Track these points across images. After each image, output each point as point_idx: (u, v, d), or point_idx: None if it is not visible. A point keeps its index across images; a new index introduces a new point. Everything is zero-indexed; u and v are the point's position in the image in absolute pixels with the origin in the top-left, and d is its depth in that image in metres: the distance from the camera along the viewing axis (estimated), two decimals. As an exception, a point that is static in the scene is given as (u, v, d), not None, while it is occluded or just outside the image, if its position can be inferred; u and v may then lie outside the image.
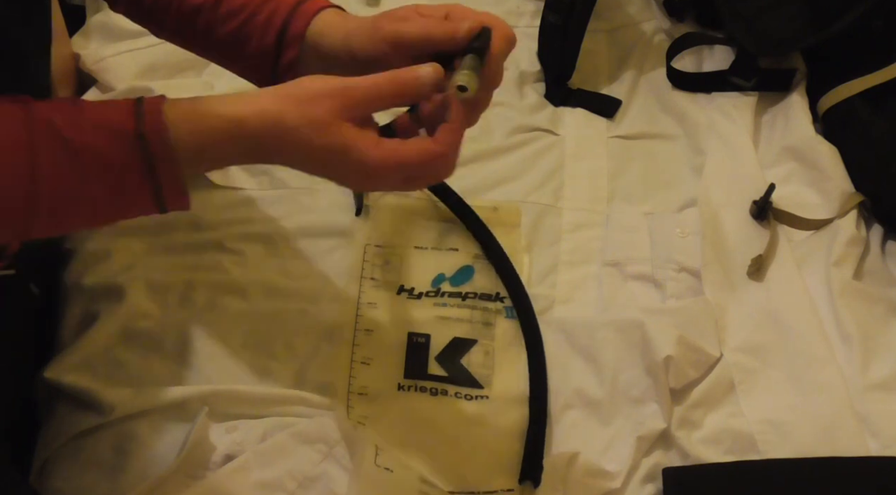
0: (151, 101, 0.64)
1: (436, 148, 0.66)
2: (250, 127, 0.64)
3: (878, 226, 1.05)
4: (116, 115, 0.63)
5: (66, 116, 0.62)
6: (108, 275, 0.94)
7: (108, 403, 0.85)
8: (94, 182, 0.62)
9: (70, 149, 0.61)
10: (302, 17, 0.77)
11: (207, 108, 0.65)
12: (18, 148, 0.60)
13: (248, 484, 0.82)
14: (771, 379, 0.92)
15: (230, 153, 0.66)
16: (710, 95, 1.16)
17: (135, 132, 0.62)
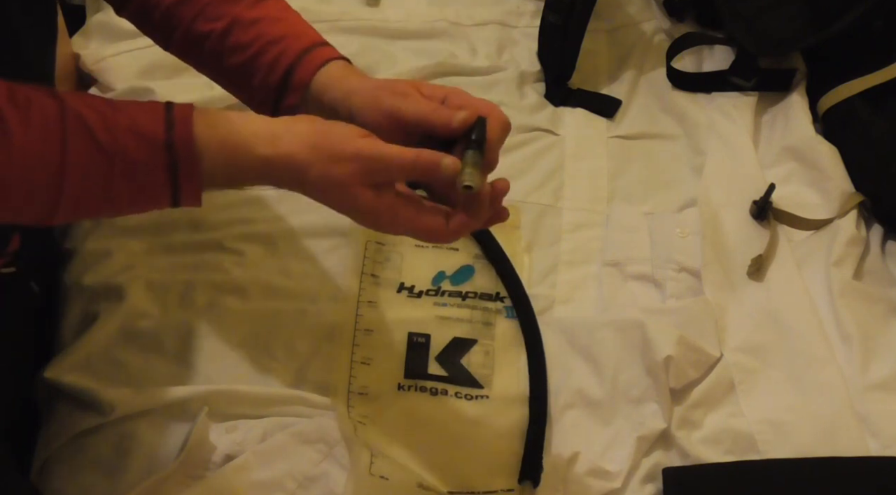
0: (181, 110, 0.67)
1: (447, 231, 0.71)
2: (276, 169, 0.69)
3: (878, 226, 1.05)
4: (148, 121, 0.65)
5: (99, 116, 0.64)
6: (108, 274, 0.94)
7: (109, 403, 0.85)
8: (118, 180, 0.65)
9: (100, 149, 0.63)
10: (308, 67, 0.78)
11: (239, 141, 0.68)
12: (51, 141, 0.62)
13: (248, 484, 0.82)
14: (771, 379, 0.92)
15: (251, 181, 0.70)
16: (710, 95, 1.16)
17: (165, 141, 0.65)
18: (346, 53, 1.14)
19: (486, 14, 1.24)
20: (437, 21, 1.22)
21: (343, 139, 0.69)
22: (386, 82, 0.76)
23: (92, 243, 0.97)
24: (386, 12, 1.23)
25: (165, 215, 1.00)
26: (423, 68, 1.16)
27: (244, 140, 0.68)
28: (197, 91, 1.09)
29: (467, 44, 1.20)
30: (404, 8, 1.24)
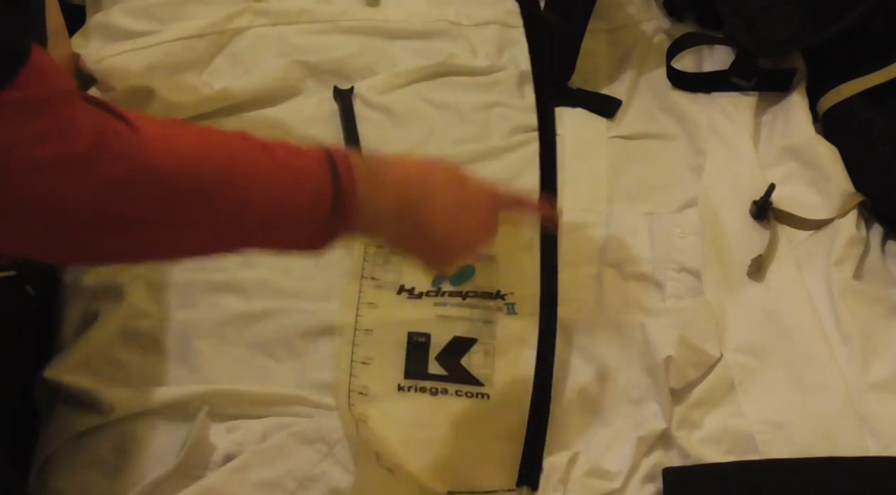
0: (341, 158, 0.67)
1: None
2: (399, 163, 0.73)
3: (878, 226, 1.05)
4: (304, 147, 0.67)
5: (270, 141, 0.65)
6: (108, 274, 0.94)
7: (108, 403, 0.85)
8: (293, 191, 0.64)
9: (274, 158, 0.64)
10: None
11: (380, 165, 0.71)
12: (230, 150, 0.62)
13: (248, 484, 0.82)
14: (771, 379, 0.92)
15: (388, 179, 0.71)
16: (710, 95, 1.16)
17: (326, 155, 0.66)
18: (346, 53, 1.15)
19: (486, 14, 1.24)
20: (437, 21, 1.22)
21: None
22: None
23: (92, 243, 0.97)
24: (386, 12, 1.23)
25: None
26: (423, 68, 1.16)
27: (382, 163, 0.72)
28: (197, 90, 1.09)
29: (467, 44, 1.20)
30: (404, 8, 1.23)
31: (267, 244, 0.67)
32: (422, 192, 0.72)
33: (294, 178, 0.64)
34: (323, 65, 1.14)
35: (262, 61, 1.14)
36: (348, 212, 0.66)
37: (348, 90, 1.12)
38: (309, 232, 0.66)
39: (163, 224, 0.59)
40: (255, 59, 1.15)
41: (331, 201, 0.65)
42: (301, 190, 0.64)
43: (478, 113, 1.13)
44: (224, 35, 1.16)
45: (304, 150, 0.66)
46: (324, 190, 0.65)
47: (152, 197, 0.58)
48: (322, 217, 0.65)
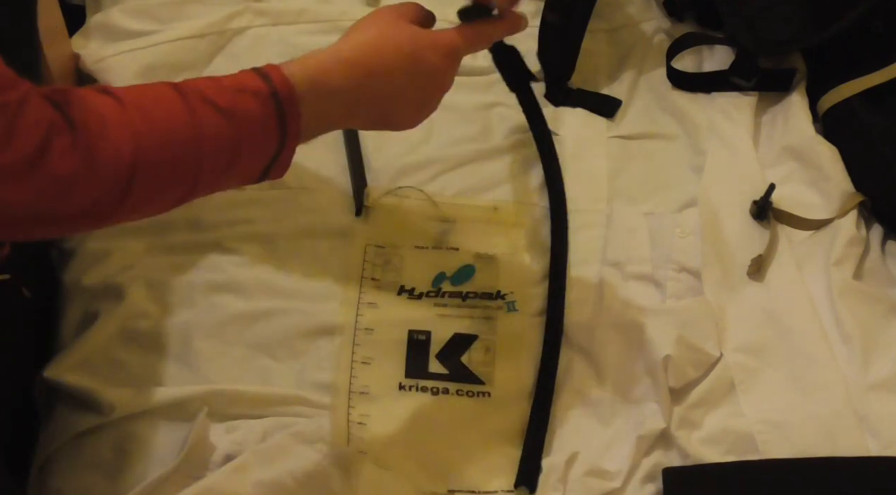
0: (267, 66, 0.70)
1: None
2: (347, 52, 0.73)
3: (878, 226, 1.05)
4: (245, 78, 0.68)
5: (212, 86, 0.66)
6: (108, 274, 0.94)
7: (108, 403, 0.85)
8: (243, 141, 0.67)
9: (224, 113, 0.65)
10: None
11: (309, 54, 0.73)
12: (179, 115, 0.64)
13: (248, 484, 0.82)
14: (771, 379, 0.92)
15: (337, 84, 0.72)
16: (710, 95, 1.16)
17: (269, 91, 0.68)
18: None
19: (486, 14, 1.24)
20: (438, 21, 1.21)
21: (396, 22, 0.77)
22: None
23: (92, 243, 0.97)
24: (386, 12, 1.23)
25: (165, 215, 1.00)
26: (423, 68, 1.15)
27: (312, 53, 0.72)
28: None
29: (467, 44, 1.20)
30: (404, 8, 1.23)
31: (214, 191, 0.70)
32: (373, 89, 0.74)
33: (246, 135, 0.67)
34: (323, 65, 1.14)
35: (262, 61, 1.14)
36: (294, 138, 0.70)
37: (348, 90, 1.12)
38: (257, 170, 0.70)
39: (113, 205, 0.63)
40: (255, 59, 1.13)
41: (276, 144, 0.69)
42: (251, 141, 0.67)
43: (478, 113, 1.13)
44: (224, 35, 1.16)
45: (248, 90, 0.67)
46: (270, 137, 0.68)
47: (107, 184, 0.61)
48: (269, 155, 0.69)
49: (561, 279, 0.97)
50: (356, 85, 0.73)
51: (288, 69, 0.70)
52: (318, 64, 0.71)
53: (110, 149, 0.60)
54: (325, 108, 0.72)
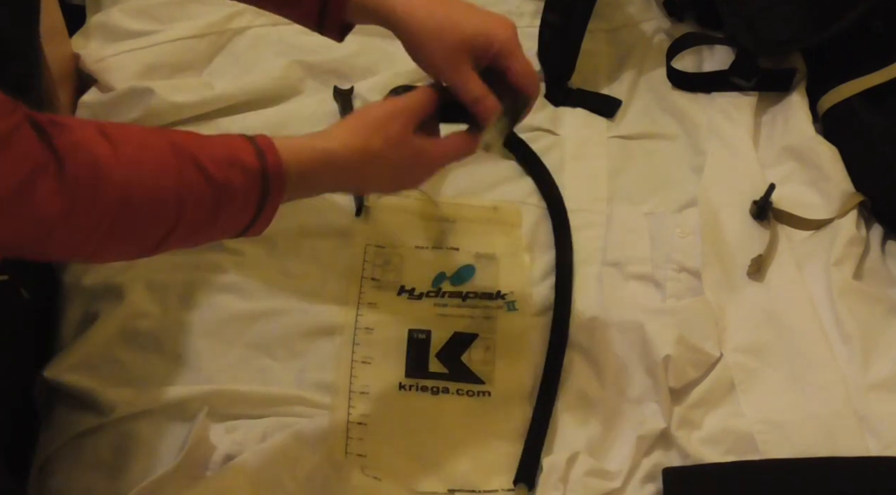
0: (264, 139, 0.71)
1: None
2: (341, 156, 0.74)
3: (878, 226, 1.05)
4: (243, 153, 0.69)
5: (206, 151, 0.68)
6: (108, 274, 0.94)
7: (108, 403, 0.85)
8: (221, 211, 0.68)
9: (210, 181, 0.66)
10: None
11: (304, 142, 0.74)
12: (169, 174, 0.65)
13: (248, 484, 0.82)
14: (771, 378, 0.92)
15: (323, 182, 0.77)
16: (710, 95, 1.16)
17: (260, 170, 0.69)
18: (346, 53, 1.15)
19: (486, 14, 1.24)
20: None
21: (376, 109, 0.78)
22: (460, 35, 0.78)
23: (92, 243, 0.97)
24: (386, 12, 1.22)
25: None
26: (424, 68, 1.15)
27: (307, 142, 0.74)
28: (197, 91, 1.09)
29: (467, 44, 1.20)
30: (404, 8, 1.23)
31: (185, 247, 0.72)
32: (355, 182, 0.79)
33: (226, 204, 0.68)
34: (323, 65, 1.14)
35: (262, 61, 1.14)
36: (271, 212, 0.72)
37: (348, 90, 1.12)
38: (231, 232, 0.72)
39: (91, 248, 0.64)
40: (255, 59, 1.15)
41: (252, 215, 0.71)
42: (230, 210, 0.69)
43: (478, 113, 1.13)
44: (224, 35, 1.16)
45: (239, 164, 0.68)
46: (248, 208, 0.70)
47: (86, 231, 0.62)
48: (244, 223, 0.72)
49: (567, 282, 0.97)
50: (340, 181, 0.78)
51: (284, 153, 0.71)
52: (314, 161, 0.74)
53: (96, 200, 0.61)
54: (306, 193, 0.77)
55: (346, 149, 0.75)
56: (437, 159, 0.80)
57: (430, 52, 0.79)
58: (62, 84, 1.06)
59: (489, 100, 0.78)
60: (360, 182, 0.80)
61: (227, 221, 0.70)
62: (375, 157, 0.76)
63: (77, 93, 1.10)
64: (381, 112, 0.77)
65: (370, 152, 0.75)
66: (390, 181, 0.81)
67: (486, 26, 0.78)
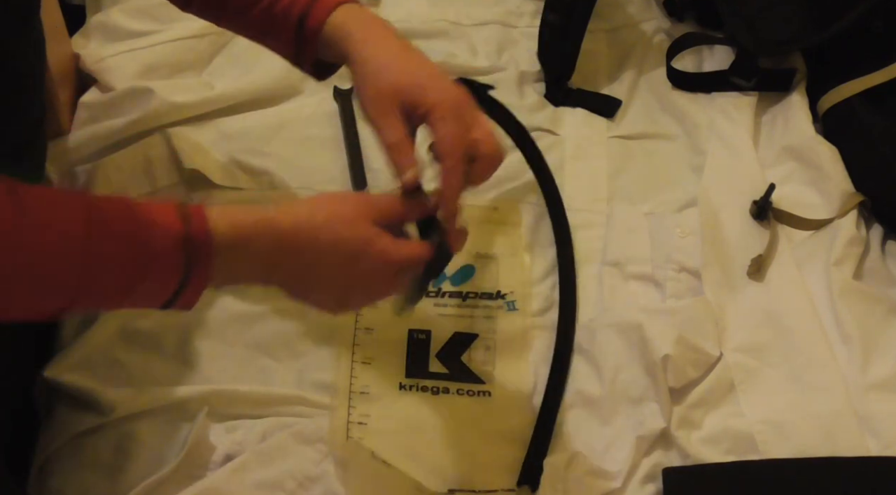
0: (195, 207, 0.66)
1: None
2: (281, 224, 0.68)
3: (878, 226, 1.05)
4: (166, 216, 0.64)
5: (124, 214, 0.63)
6: (108, 274, 0.94)
7: (108, 403, 0.85)
8: (137, 279, 0.63)
9: (127, 242, 0.62)
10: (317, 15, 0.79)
11: (244, 208, 0.69)
12: (75, 239, 0.60)
13: (248, 484, 0.82)
14: (771, 378, 0.92)
15: (259, 251, 0.68)
16: (710, 95, 1.16)
17: (183, 234, 0.64)
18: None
19: (486, 14, 1.24)
20: (437, 21, 1.22)
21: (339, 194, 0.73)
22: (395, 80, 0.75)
23: (92, 243, 0.97)
24: (386, 12, 1.23)
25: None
26: (423, 68, 1.16)
27: (248, 209, 0.69)
28: (196, 91, 1.09)
29: (467, 44, 1.20)
30: (404, 8, 1.23)
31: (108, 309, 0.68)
32: (295, 269, 0.70)
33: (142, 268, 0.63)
34: (323, 65, 1.14)
35: (262, 61, 1.14)
36: (199, 283, 0.66)
37: (348, 90, 1.12)
38: (157, 301, 0.66)
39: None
40: (255, 59, 1.15)
41: (176, 284, 0.65)
42: (150, 276, 0.64)
43: (478, 113, 1.13)
44: (224, 35, 1.16)
45: (161, 226, 0.63)
46: (171, 276, 0.64)
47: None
48: (169, 292, 0.65)
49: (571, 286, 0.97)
50: (277, 260, 0.69)
51: (215, 218, 0.66)
52: (249, 225, 0.67)
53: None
54: (239, 268, 0.68)
55: (288, 217, 0.69)
56: (394, 255, 0.71)
57: (364, 90, 0.76)
58: (62, 84, 1.06)
59: (405, 148, 0.74)
60: (302, 265, 0.70)
61: (146, 290, 0.64)
62: (321, 233, 0.69)
63: (77, 93, 1.10)
64: (336, 193, 0.73)
65: (315, 225, 0.69)
66: (335, 267, 0.71)
67: (425, 84, 0.75)
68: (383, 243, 0.71)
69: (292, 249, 0.69)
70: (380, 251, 0.71)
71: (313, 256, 0.70)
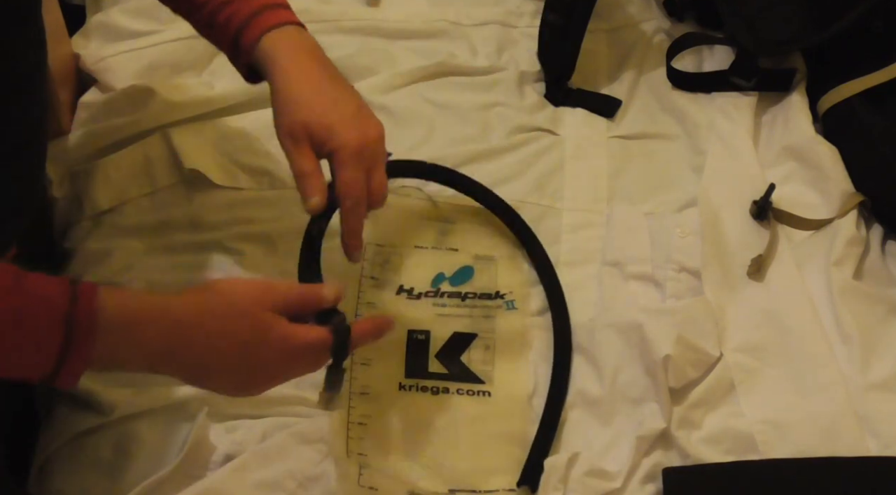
0: (88, 285, 0.64)
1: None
2: (174, 311, 0.68)
3: (878, 226, 1.05)
4: (52, 290, 0.63)
5: (7, 283, 0.61)
6: (108, 275, 0.94)
7: (108, 403, 0.85)
8: (13, 348, 0.62)
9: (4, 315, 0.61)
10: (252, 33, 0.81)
11: (138, 293, 0.69)
12: None
13: (248, 484, 0.82)
14: (771, 379, 0.92)
15: (148, 339, 0.66)
16: (710, 95, 1.16)
17: (65, 312, 0.62)
18: (346, 53, 1.15)
19: (486, 14, 1.24)
20: (437, 21, 1.22)
21: (236, 282, 0.74)
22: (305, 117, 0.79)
23: (92, 243, 0.97)
24: (386, 12, 1.23)
25: (165, 215, 1.00)
26: (424, 68, 1.16)
27: (143, 294, 0.69)
28: (197, 91, 1.09)
29: (467, 44, 1.20)
30: (404, 8, 1.23)
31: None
32: (185, 359, 0.69)
33: (14, 341, 0.62)
34: (323, 65, 1.14)
35: (262, 61, 1.14)
36: (77, 366, 0.64)
37: (348, 90, 1.12)
38: (33, 376, 0.64)
39: None
40: (255, 59, 1.15)
41: (53, 364, 0.63)
42: (23, 349, 0.62)
43: (478, 113, 1.13)
44: (224, 35, 1.16)
45: (44, 298, 0.62)
46: (47, 355, 0.62)
47: None
48: (44, 371, 0.63)
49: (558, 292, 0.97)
50: (168, 348, 0.68)
51: (104, 299, 0.64)
52: (139, 310, 0.66)
53: None
54: (124, 353, 0.67)
55: (182, 306, 0.68)
56: (292, 341, 0.71)
57: (278, 119, 0.80)
58: (62, 84, 1.06)
59: (312, 177, 0.78)
60: (196, 354, 0.69)
61: (21, 363, 0.62)
62: (214, 319, 0.69)
63: (77, 93, 1.10)
64: (234, 281, 0.73)
65: (210, 315, 0.68)
66: (231, 357, 0.70)
67: (333, 125, 0.79)
68: (281, 330, 0.71)
69: (184, 339, 0.68)
70: (278, 338, 0.71)
71: (207, 346, 0.69)
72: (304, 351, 0.73)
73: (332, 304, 0.75)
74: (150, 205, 1.01)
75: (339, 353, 0.75)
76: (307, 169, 0.79)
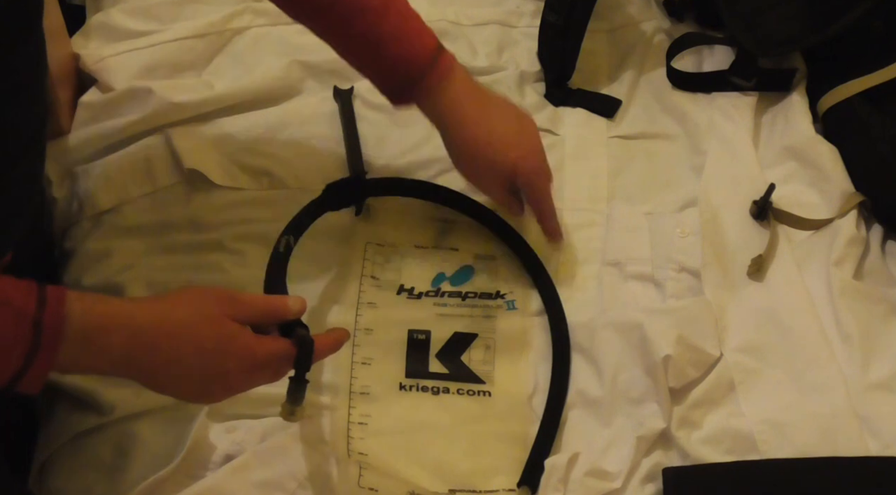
0: (56, 290, 0.65)
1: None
2: (139, 317, 0.69)
3: (878, 226, 1.05)
4: (20, 295, 0.64)
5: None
6: (108, 275, 0.94)
7: (108, 403, 0.85)
8: None
9: None
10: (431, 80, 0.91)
11: (104, 299, 0.68)
12: None
13: (248, 484, 0.82)
14: (771, 379, 0.92)
15: (112, 344, 0.67)
16: (710, 95, 1.16)
17: (33, 317, 0.63)
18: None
19: (486, 14, 1.24)
20: (437, 21, 1.22)
21: (204, 289, 0.74)
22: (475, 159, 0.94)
23: (92, 243, 0.97)
24: (386, 12, 1.23)
25: (165, 215, 1.00)
26: (424, 68, 1.15)
27: (109, 298, 0.69)
28: (197, 91, 1.09)
29: (467, 44, 1.20)
30: (404, 8, 1.23)
31: None
32: (149, 366, 0.70)
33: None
34: (323, 65, 1.14)
35: (262, 61, 1.14)
36: (42, 369, 0.64)
37: (348, 90, 1.12)
38: None
39: None
40: (255, 59, 1.15)
41: (18, 367, 0.63)
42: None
43: (478, 113, 1.13)
44: (224, 35, 1.16)
45: (12, 305, 0.63)
46: (14, 358, 0.63)
47: None
48: (8, 374, 0.64)
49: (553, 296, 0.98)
50: (131, 354, 0.69)
51: (73, 305, 0.65)
52: (105, 316, 0.67)
53: None
54: (88, 358, 0.67)
55: (146, 312, 0.69)
56: (255, 351, 0.72)
57: (464, 168, 0.96)
58: (62, 84, 1.06)
59: (514, 204, 0.98)
60: (159, 361, 0.70)
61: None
62: (179, 326, 0.70)
63: (77, 93, 1.10)
64: (198, 289, 0.74)
65: (173, 323, 0.69)
66: (194, 365, 0.71)
67: (516, 159, 0.94)
68: (244, 340, 0.72)
69: (148, 346, 0.69)
70: (240, 348, 0.72)
71: (170, 353, 0.70)
72: (266, 361, 0.74)
73: (297, 316, 0.77)
74: (150, 205, 1.01)
75: (301, 365, 0.76)
76: (503, 200, 0.99)
